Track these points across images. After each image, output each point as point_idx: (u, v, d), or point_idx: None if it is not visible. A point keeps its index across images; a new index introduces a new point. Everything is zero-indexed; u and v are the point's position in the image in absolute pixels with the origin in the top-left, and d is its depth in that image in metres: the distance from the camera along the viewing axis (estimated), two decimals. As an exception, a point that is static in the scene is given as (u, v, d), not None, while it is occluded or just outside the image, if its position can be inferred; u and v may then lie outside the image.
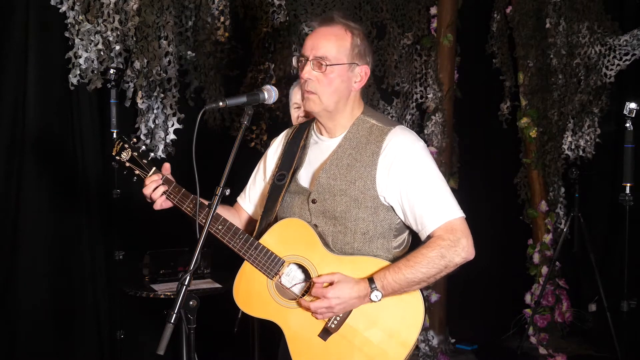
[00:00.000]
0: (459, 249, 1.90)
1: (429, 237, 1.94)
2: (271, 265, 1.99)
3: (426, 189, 1.94)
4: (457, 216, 1.93)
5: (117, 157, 2.20)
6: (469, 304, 4.69)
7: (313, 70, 1.98)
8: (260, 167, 2.27)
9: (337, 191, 1.98)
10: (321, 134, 2.11)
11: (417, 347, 4.28)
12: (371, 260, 1.95)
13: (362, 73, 2.03)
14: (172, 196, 2.10)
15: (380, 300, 1.89)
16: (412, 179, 1.94)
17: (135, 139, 2.21)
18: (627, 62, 4.42)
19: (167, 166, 2.16)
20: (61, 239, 3.49)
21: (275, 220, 2.06)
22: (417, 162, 1.96)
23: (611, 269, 4.57)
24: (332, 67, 1.97)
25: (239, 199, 2.32)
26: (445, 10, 4.35)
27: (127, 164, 2.18)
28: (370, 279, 1.90)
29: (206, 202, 2.01)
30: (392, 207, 1.99)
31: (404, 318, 1.93)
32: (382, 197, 1.97)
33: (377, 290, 1.88)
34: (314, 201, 2.02)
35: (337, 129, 2.07)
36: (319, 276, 1.94)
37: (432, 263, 1.89)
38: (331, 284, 1.91)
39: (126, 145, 2.19)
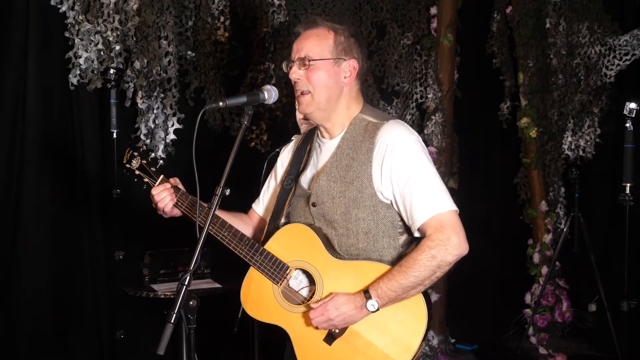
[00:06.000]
0: (449, 247, 1.86)
1: (419, 232, 1.93)
2: (276, 270, 2.00)
3: (416, 180, 1.91)
4: (446, 209, 1.89)
5: (128, 165, 2.22)
6: (469, 304, 4.69)
7: (299, 70, 2.01)
8: (272, 173, 2.30)
9: (336, 194, 1.99)
10: (323, 136, 2.12)
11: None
12: (374, 265, 1.95)
13: (350, 68, 2.03)
14: (179, 204, 2.12)
15: (377, 309, 1.89)
16: (402, 171, 1.92)
17: (144, 148, 2.22)
18: (627, 62, 4.42)
19: (176, 179, 2.18)
20: (61, 239, 3.49)
21: (284, 223, 2.07)
22: (407, 154, 1.93)
23: (611, 269, 4.56)
24: (315, 62, 1.99)
25: (253, 204, 2.34)
26: (445, 10, 4.35)
27: (137, 172, 2.20)
28: (366, 290, 1.90)
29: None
30: (391, 202, 1.98)
31: (407, 323, 1.93)
32: (380, 192, 1.96)
33: (372, 299, 1.88)
34: (314, 204, 2.03)
35: (335, 128, 2.07)
36: (317, 301, 1.95)
37: (424, 266, 1.87)
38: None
39: (136, 153, 2.21)
